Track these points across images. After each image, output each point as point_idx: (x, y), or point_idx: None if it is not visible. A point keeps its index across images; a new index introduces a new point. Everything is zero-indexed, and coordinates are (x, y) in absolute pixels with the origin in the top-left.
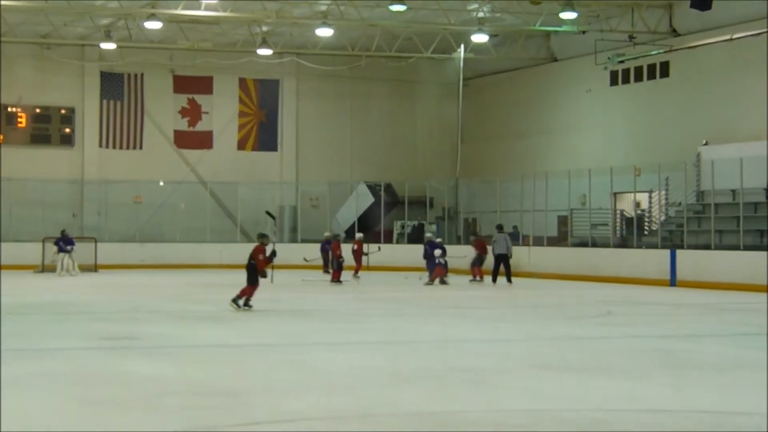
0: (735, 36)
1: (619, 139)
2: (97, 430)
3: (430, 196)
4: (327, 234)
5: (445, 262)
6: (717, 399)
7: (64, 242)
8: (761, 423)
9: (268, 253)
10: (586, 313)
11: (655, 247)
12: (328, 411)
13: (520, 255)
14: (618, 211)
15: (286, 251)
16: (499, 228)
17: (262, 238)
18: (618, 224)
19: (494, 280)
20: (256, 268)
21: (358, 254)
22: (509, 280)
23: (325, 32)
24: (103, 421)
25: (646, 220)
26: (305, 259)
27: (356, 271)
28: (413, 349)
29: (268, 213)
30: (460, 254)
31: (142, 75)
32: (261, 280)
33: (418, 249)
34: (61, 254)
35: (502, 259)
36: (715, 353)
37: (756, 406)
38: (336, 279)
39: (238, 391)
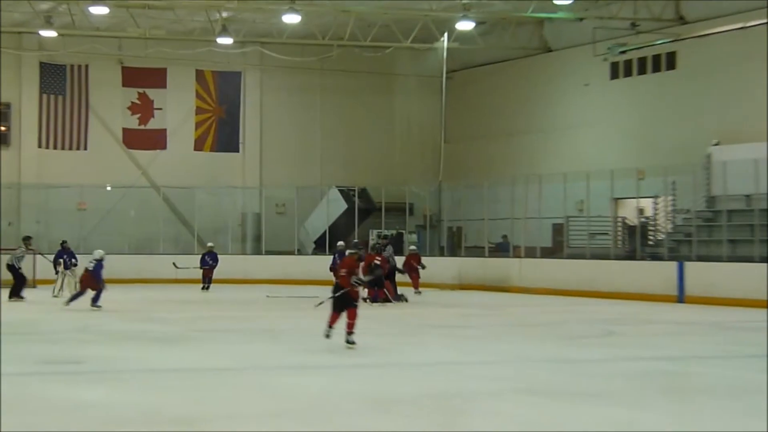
0: (749, 24)
1: (621, 139)
2: None
3: (409, 202)
4: (210, 245)
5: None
6: (724, 427)
7: (69, 256)
8: None
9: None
10: (583, 333)
11: (661, 259)
12: None
13: (511, 268)
14: (619, 219)
15: (249, 264)
16: (388, 240)
17: (356, 249)
18: (619, 233)
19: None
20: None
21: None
22: None
23: (292, 19)
24: None
25: (651, 228)
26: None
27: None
28: (391, 372)
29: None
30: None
31: (86, 66)
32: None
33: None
34: (67, 272)
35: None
36: (723, 377)
37: None
38: (394, 297)
39: (196, 418)
